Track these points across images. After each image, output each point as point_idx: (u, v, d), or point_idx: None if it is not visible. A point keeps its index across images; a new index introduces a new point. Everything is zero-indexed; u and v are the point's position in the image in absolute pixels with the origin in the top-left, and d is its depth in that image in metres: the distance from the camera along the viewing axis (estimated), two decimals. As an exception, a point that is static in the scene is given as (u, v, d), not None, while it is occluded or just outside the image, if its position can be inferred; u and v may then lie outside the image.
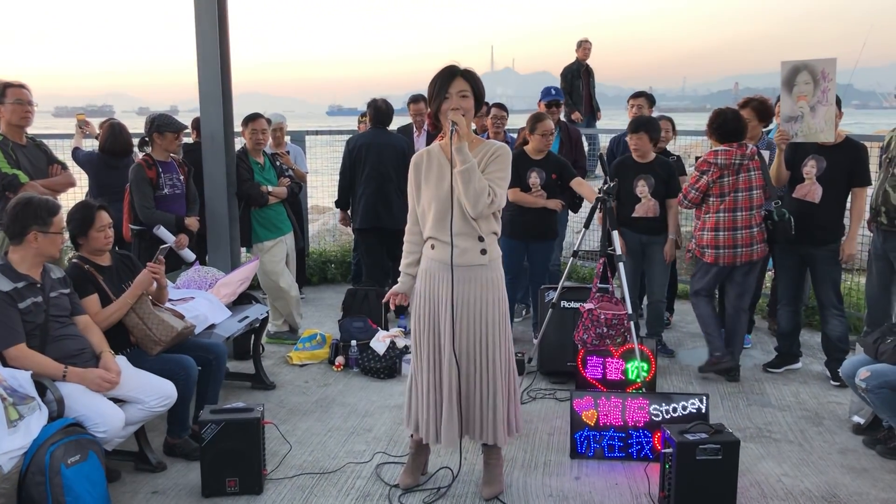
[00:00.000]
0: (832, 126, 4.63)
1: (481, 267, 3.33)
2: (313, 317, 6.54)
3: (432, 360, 3.42)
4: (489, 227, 3.34)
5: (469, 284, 3.33)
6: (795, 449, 4.09)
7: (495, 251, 3.38)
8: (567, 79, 10.25)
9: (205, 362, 4.04)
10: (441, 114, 3.28)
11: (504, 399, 3.44)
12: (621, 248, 4.77)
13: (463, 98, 3.25)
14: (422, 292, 3.44)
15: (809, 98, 4.70)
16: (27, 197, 3.57)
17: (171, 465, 3.87)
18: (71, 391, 3.37)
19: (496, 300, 3.38)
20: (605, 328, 4.36)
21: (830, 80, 4.62)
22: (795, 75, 4.78)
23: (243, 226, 5.52)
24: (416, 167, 3.42)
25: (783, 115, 4.87)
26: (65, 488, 3.03)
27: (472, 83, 3.28)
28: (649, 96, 6.36)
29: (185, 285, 4.83)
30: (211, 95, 5.23)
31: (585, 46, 10.26)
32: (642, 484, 3.68)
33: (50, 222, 3.51)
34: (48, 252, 3.54)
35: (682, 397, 3.90)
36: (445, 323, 3.35)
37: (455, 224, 3.27)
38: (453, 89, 3.24)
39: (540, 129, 5.25)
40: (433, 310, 3.40)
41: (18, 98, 4.72)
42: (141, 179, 4.99)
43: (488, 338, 3.37)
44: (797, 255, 4.94)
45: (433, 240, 3.36)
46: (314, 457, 3.98)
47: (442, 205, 3.29)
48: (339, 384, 5.04)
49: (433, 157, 3.38)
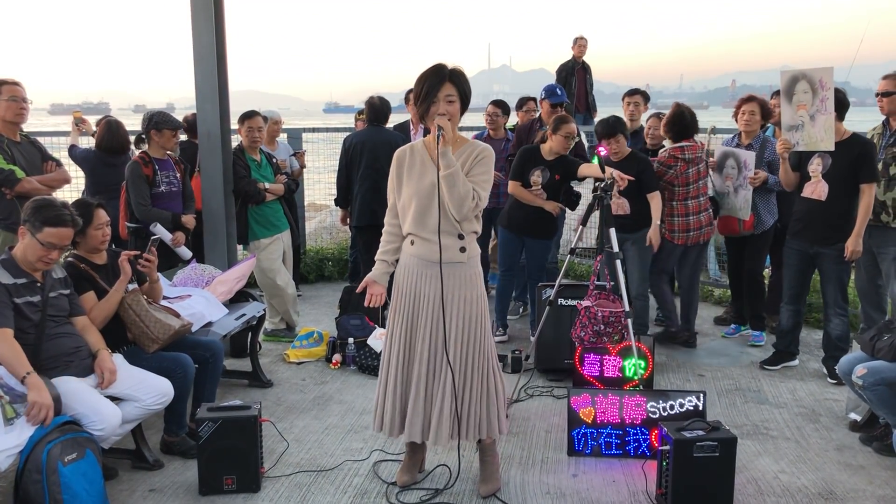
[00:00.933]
0: (832, 134, 4.68)
1: (460, 264, 3.37)
2: (310, 314, 6.54)
3: (402, 354, 3.43)
4: (470, 226, 3.38)
5: (448, 280, 3.35)
6: (792, 446, 4.10)
7: (474, 249, 3.43)
8: (562, 76, 10.23)
9: (202, 360, 4.03)
10: (428, 117, 3.29)
11: (492, 393, 3.45)
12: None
13: (450, 103, 3.26)
14: (401, 287, 3.45)
15: (809, 107, 4.74)
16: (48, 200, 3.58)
17: (168, 463, 3.87)
18: (68, 389, 3.36)
19: (475, 297, 3.42)
20: (602, 325, 4.35)
21: (828, 89, 4.66)
22: (794, 84, 4.83)
23: (240, 223, 5.51)
24: (399, 162, 3.43)
25: (784, 125, 4.91)
26: (62, 486, 3.02)
27: (459, 86, 3.28)
28: (644, 94, 6.37)
29: (181, 283, 4.82)
30: (207, 93, 5.22)
31: (581, 43, 10.24)
32: (639, 481, 3.68)
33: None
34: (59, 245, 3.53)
35: (679, 394, 3.91)
36: (423, 319, 3.38)
37: (435, 221, 3.30)
38: (441, 94, 3.25)
39: (564, 131, 5.24)
40: (412, 305, 3.41)
41: (13, 95, 4.71)
42: (137, 177, 4.98)
43: (468, 333, 3.39)
44: (805, 253, 4.94)
45: (413, 236, 3.39)
46: (311, 454, 3.98)
47: (422, 202, 3.31)
48: (336, 382, 5.04)
49: (416, 154, 3.40)
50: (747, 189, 5.38)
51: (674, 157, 5.35)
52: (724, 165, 5.57)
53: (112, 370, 3.56)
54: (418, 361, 3.40)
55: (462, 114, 3.37)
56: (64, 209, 3.51)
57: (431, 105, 3.26)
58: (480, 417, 3.46)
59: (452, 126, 3.27)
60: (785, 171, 4.98)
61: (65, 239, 3.50)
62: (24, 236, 3.46)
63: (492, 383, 3.47)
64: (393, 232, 3.51)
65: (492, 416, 3.48)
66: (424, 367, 3.39)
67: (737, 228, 5.54)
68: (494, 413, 3.49)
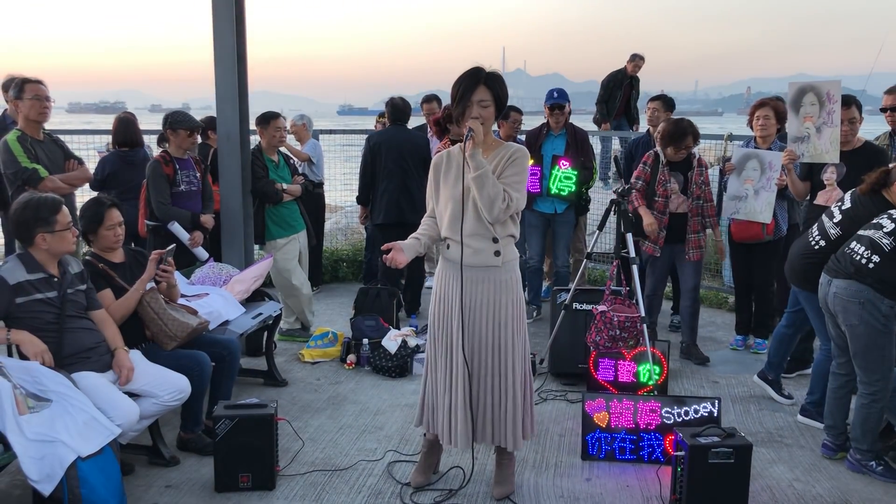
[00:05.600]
0: (837, 147, 4.69)
1: (495, 268, 3.34)
2: (325, 315, 6.56)
3: (446, 361, 3.43)
4: (505, 230, 3.35)
5: (481, 285, 3.34)
6: (808, 454, 4.08)
7: (510, 253, 3.39)
8: (607, 88, 10.30)
9: (219, 358, 4.06)
10: (463, 120, 3.29)
11: (518, 402, 3.43)
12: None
13: (483, 108, 3.26)
14: (437, 292, 3.47)
15: (815, 119, 4.74)
16: (25, 199, 3.53)
17: (185, 459, 3.90)
18: (87, 384, 3.40)
19: (510, 302, 3.38)
20: (617, 330, 4.36)
21: (835, 102, 4.67)
22: (802, 96, 4.85)
23: (257, 223, 5.55)
24: (437, 168, 3.44)
25: (790, 136, 4.94)
26: (80, 481, 3.05)
27: (494, 90, 3.27)
28: (668, 99, 6.34)
29: (199, 281, 4.86)
30: (227, 94, 5.27)
31: (637, 63, 10.27)
32: (653, 486, 3.68)
33: (54, 221, 3.47)
34: (60, 249, 3.55)
35: (694, 401, 3.90)
36: (456, 322, 3.37)
37: (469, 225, 3.29)
38: (475, 97, 3.25)
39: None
40: (446, 311, 3.42)
41: (36, 94, 4.77)
42: (158, 175, 5.03)
43: (500, 340, 3.37)
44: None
45: (449, 240, 3.39)
46: (326, 454, 4.00)
47: (456, 206, 3.31)
48: (350, 382, 5.06)
49: (452, 159, 3.40)
50: (771, 191, 5.25)
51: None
52: (745, 167, 5.42)
53: (130, 368, 3.59)
54: (459, 367, 3.38)
55: (497, 118, 3.36)
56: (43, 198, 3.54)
57: (466, 108, 3.26)
58: (505, 424, 3.43)
59: (485, 129, 3.26)
60: (792, 181, 4.97)
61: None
62: (44, 241, 3.47)
63: (519, 391, 3.43)
64: (430, 224, 3.47)
65: (517, 426, 3.44)
66: (466, 374, 3.37)
67: (760, 233, 5.37)
68: (520, 422, 3.46)
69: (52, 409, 3.17)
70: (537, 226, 6.23)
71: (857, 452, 3.87)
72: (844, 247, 3.83)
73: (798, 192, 5.02)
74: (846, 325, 3.75)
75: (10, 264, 3.49)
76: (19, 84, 4.80)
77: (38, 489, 2.99)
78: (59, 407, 3.19)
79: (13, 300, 3.39)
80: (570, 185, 5.90)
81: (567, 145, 6.04)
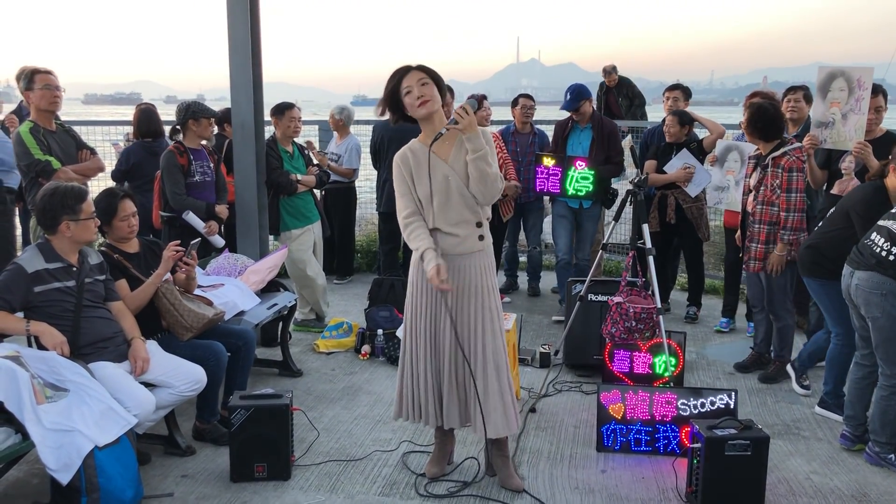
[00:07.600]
0: (861, 136, 4.59)
1: (479, 253, 3.39)
2: (339, 305, 6.57)
3: (430, 346, 3.43)
4: (485, 213, 3.40)
5: (467, 271, 3.36)
6: (825, 447, 4.05)
7: (489, 236, 3.44)
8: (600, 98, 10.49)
9: (234, 348, 4.07)
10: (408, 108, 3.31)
11: (505, 385, 3.42)
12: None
13: (423, 85, 3.26)
14: (416, 282, 3.45)
15: (842, 105, 4.66)
16: (52, 187, 3.56)
17: (200, 449, 3.92)
18: (104, 374, 3.42)
19: (492, 286, 3.43)
20: (633, 322, 4.33)
21: (865, 90, 4.57)
22: (831, 81, 4.74)
23: (271, 214, 5.56)
24: (405, 165, 3.37)
25: (814, 121, 4.84)
26: (98, 470, 3.08)
27: (427, 71, 3.30)
28: (685, 89, 6.32)
29: (214, 272, 4.88)
30: (242, 85, 5.27)
31: (612, 75, 10.38)
32: (669, 478, 3.66)
33: (79, 209, 3.50)
34: (83, 238, 3.57)
35: (711, 392, 3.87)
36: (444, 311, 3.38)
37: (455, 213, 3.31)
38: (412, 80, 3.26)
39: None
40: (429, 299, 3.41)
41: (46, 83, 4.79)
42: (172, 166, 5.04)
43: (487, 323, 3.38)
44: None
45: (436, 230, 3.37)
46: (341, 444, 4.01)
47: (441, 196, 3.31)
48: (365, 373, 5.07)
49: (417, 153, 3.36)
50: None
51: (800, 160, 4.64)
52: (726, 159, 5.50)
53: (146, 359, 3.61)
54: (448, 352, 3.40)
55: (443, 101, 3.36)
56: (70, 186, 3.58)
57: (406, 96, 3.27)
58: (497, 409, 3.41)
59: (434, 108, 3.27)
60: (811, 168, 4.87)
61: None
62: (68, 229, 3.49)
63: (504, 374, 3.43)
64: (420, 224, 3.37)
65: (507, 408, 3.44)
66: (453, 357, 3.40)
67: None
68: (510, 404, 3.45)
69: (70, 398, 3.19)
70: (565, 215, 6.11)
71: (876, 445, 3.83)
72: (864, 238, 3.79)
73: (816, 181, 4.94)
74: (869, 317, 3.72)
75: (28, 254, 3.51)
76: (29, 75, 4.83)
77: (56, 478, 3.02)
78: (77, 397, 3.21)
79: (31, 289, 3.40)
80: (587, 185, 5.77)
81: (592, 140, 5.96)
